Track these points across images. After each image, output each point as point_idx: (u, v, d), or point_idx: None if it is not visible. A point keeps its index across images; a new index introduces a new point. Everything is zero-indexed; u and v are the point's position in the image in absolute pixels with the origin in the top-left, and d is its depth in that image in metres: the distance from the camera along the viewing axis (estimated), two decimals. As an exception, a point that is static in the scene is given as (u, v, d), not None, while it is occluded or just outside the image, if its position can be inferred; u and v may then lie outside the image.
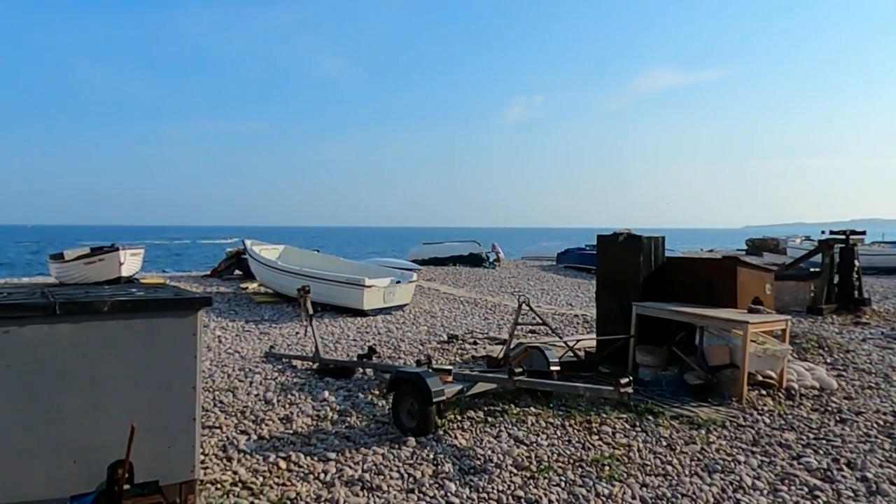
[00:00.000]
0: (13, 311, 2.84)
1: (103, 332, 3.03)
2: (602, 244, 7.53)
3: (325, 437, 4.85)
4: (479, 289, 16.28)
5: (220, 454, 4.47)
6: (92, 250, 15.70)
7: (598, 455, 4.51)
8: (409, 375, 4.96)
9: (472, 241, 24.56)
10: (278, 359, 7.63)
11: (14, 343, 2.84)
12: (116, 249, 14.29)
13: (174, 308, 3.18)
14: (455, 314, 11.85)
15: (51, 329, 2.92)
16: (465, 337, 9.24)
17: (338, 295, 11.24)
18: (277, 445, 4.69)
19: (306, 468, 4.25)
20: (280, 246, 14.76)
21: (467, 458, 4.42)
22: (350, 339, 9.14)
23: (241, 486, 3.94)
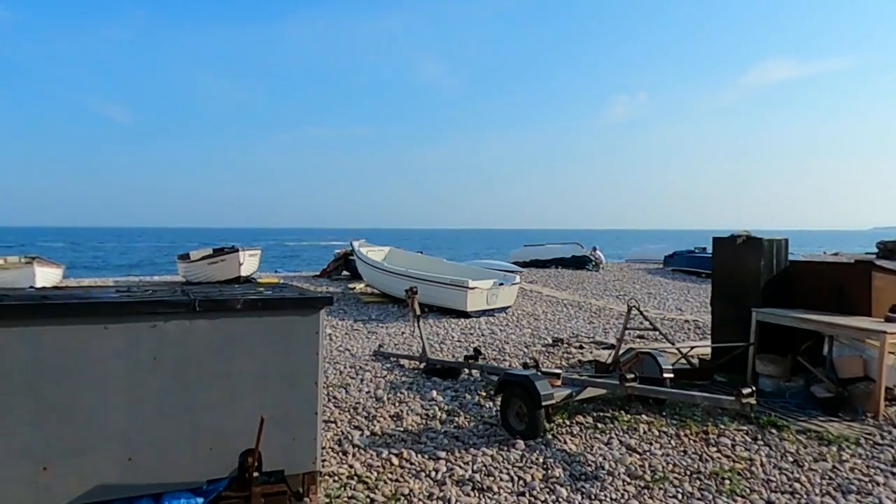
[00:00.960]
0: (159, 307, 3.09)
1: (236, 328, 3.24)
2: (719, 247, 7.18)
3: (435, 436, 4.93)
4: (583, 292, 15.99)
5: (336, 448, 4.65)
6: (214, 251, 16.82)
7: (717, 468, 4.30)
8: (517, 378, 4.95)
9: (574, 244, 24.17)
10: (386, 357, 7.84)
11: (160, 336, 3.10)
12: (236, 250, 15.23)
13: (299, 307, 3.34)
14: (558, 317, 11.70)
15: (191, 325, 3.16)
16: (571, 340, 9.10)
17: (442, 296, 11.40)
18: (389, 442, 4.82)
19: (418, 466, 4.34)
20: (386, 248, 15.17)
21: (578, 464, 4.35)
22: (454, 340, 9.24)
23: (357, 480, 4.08)
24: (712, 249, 7.31)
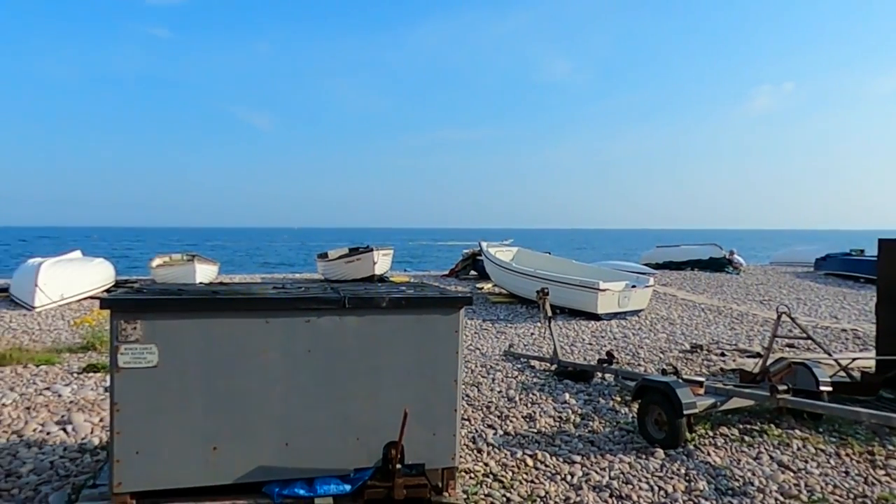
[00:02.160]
0: (313, 303, 3.30)
1: (382, 325, 3.39)
2: (886, 249, 6.51)
3: (569, 440, 4.87)
4: (722, 296, 15.09)
5: (471, 445, 4.72)
6: (350, 251, 17.65)
7: (887, 493, 3.90)
8: (657, 384, 4.78)
9: (712, 245, 22.86)
10: (517, 358, 7.84)
11: (314, 331, 3.30)
12: (370, 250, 15.88)
13: (441, 306, 3.43)
14: (696, 322, 11.13)
15: (341, 320, 3.34)
16: (711, 347, 8.63)
17: (571, 297, 11.23)
18: (523, 443, 4.82)
19: (552, 468, 4.31)
20: (514, 248, 15.17)
21: (724, 478, 4.12)
22: (585, 343, 9.07)
23: (493, 479, 4.12)
24: (878, 252, 6.64)
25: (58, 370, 6.86)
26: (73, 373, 6.76)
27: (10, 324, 10.71)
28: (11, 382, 6.28)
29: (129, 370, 3.08)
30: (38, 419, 5.10)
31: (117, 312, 3.07)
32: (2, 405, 5.46)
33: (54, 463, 4.20)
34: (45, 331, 10.10)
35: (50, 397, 5.74)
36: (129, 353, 3.08)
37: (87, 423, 5.02)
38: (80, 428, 4.89)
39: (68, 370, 6.89)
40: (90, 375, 6.62)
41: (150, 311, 3.11)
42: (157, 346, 3.12)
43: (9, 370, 6.80)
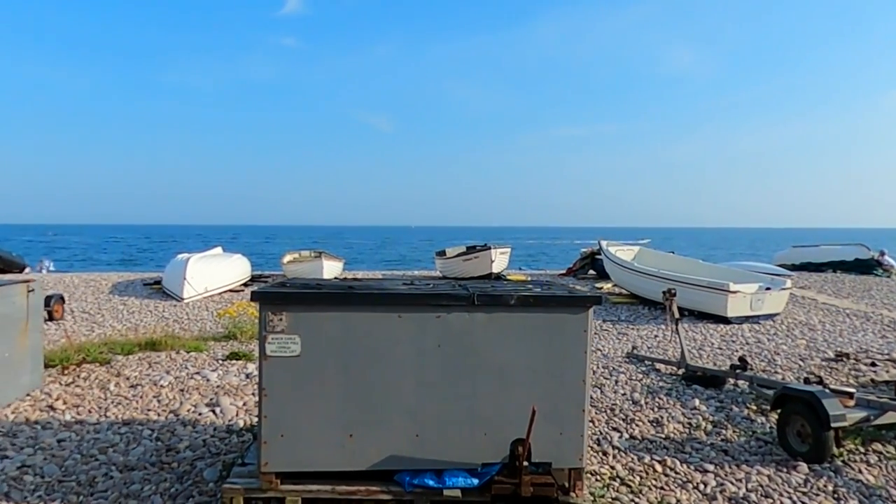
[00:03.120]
0: (443, 299, 3.39)
1: (510, 322, 3.42)
2: None
3: (700, 448, 4.66)
4: (871, 301, 13.79)
5: (596, 447, 4.64)
6: (467, 249, 17.85)
7: None
8: (801, 394, 4.46)
9: (858, 245, 20.94)
10: (641, 360, 7.60)
11: (444, 326, 3.39)
12: (488, 248, 15.98)
13: (569, 305, 3.41)
14: (840, 328, 10.25)
15: (470, 317, 3.40)
16: (859, 356, 7.92)
17: (699, 299, 10.71)
18: (650, 447, 4.68)
19: (683, 476, 4.15)
20: (635, 247, 14.69)
21: (878, 499, 3.79)
22: (714, 347, 8.63)
23: (620, 482, 4.03)
24: None
25: (205, 357, 7.47)
26: (218, 359, 7.33)
27: (162, 313, 11.80)
28: (167, 366, 6.92)
29: (276, 358, 3.31)
30: (190, 401, 5.59)
31: (266, 305, 3.31)
32: (160, 386, 6.03)
33: (206, 441, 4.59)
34: (193, 320, 11.03)
35: (200, 381, 6.27)
36: (276, 342, 3.31)
37: (232, 406, 5.44)
38: (226, 410, 5.31)
39: (214, 357, 7.48)
40: (233, 363, 7.15)
41: (294, 304, 3.32)
42: (300, 337, 3.33)
43: (164, 355, 7.49)
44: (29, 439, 4.56)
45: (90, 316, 11.32)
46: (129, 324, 10.55)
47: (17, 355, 5.47)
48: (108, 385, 6.06)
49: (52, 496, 3.66)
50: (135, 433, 4.73)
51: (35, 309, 5.76)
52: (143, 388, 5.97)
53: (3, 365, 5.29)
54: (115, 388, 5.96)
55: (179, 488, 3.77)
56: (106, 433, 4.73)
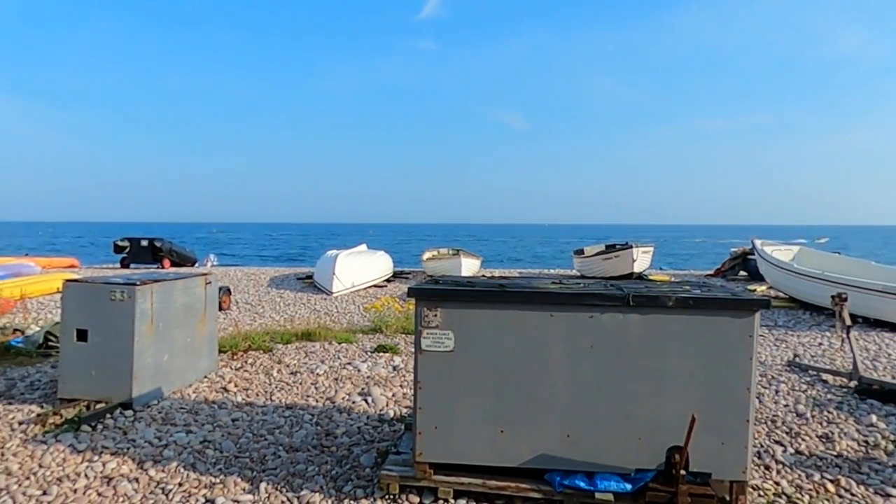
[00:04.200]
0: (596, 299, 3.33)
1: (667, 325, 3.29)
2: None
3: (881, 469, 4.22)
4: None
5: (757, 461, 4.34)
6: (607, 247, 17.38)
7: None
8: None
9: None
10: (804, 370, 7.01)
11: (597, 327, 3.34)
12: (630, 247, 15.46)
13: (734, 308, 3.22)
14: None
15: (624, 318, 3.32)
16: None
17: (873, 305, 9.67)
18: (820, 465, 4.30)
19: (860, 498, 3.78)
20: (794, 246, 13.56)
21: None
22: (892, 359, 7.75)
23: (786, 500, 3.75)
24: None
25: (355, 348, 7.88)
26: (367, 351, 7.70)
27: (314, 306, 12.61)
28: (322, 356, 7.39)
29: (430, 353, 3.43)
30: (344, 389, 5.92)
31: (421, 301, 3.44)
32: (317, 375, 6.45)
33: (361, 428, 4.84)
34: (341, 313, 11.68)
35: (352, 371, 6.63)
36: (431, 337, 3.42)
37: (382, 396, 5.69)
38: (377, 400, 5.57)
39: (363, 349, 7.87)
40: (381, 355, 7.48)
41: (448, 301, 3.42)
42: (453, 333, 3.42)
43: (318, 345, 8.00)
44: (208, 417, 5.06)
45: (251, 307, 12.34)
46: (286, 315, 11.37)
47: (197, 341, 6.09)
48: (272, 371, 6.57)
49: (230, 470, 4.04)
50: (297, 417, 5.10)
51: (211, 300, 6.38)
52: (301, 376, 6.41)
53: (187, 350, 5.91)
54: (277, 375, 6.45)
55: (339, 471, 4.01)
56: (272, 415, 5.13)
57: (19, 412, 5.13)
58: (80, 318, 5.20)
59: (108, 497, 3.65)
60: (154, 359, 5.40)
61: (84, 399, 5.17)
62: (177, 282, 5.74)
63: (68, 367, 5.24)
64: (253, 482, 3.85)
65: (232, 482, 3.83)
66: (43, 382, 6.05)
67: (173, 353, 5.68)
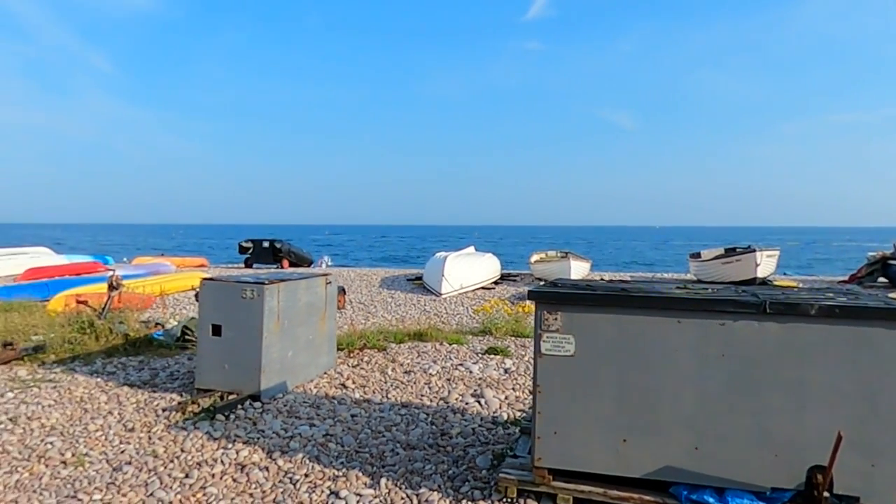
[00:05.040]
0: (729, 306, 3.15)
1: (807, 334, 3.06)
2: None
3: None
4: None
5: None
6: (726, 251, 16.49)
7: None
8: None
9: None
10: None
11: (728, 335, 3.16)
12: (753, 250, 14.59)
13: (889, 318, 2.95)
14: None
15: (759, 326, 3.12)
16: None
17: None
18: None
19: None
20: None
21: None
22: None
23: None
24: None
25: (465, 350, 7.94)
26: (478, 353, 7.74)
27: (423, 307, 12.84)
28: (434, 356, 7.50)
29: (550, 357, 3.38)
30: (457, 390, 5.98)
31: (541, 304, 3.40)
32: (430, 375, 6.55)
33: (475, 430, 4.87)
34: (450, 314, 11.81)
35: (464, 373, 6.68)
36: (550, 341, 3.37)
37: (495, 398, 5.69)
38: (490, 402, 5.57)
39: (473, 350, 7.91)
40: (491, 357, 7.49)
41: (569, 304, 3.36)
42: (574, 337, 3.35)
43: (430, 346, 8.13)
44: (329, 412, 5.27)
45: (364, 307, 12.75)
46: (397, 315, 11.65)
47: (318, 339, 6.37)
48: (386, 370, 6.75)
49: (352, 464, 4.18)
50: (412, 415, 5.20)
51: (331, 299, 6.65)
52: (415, 375, 6.54)
53: (308, 346, 6.19)
54: (392, 373, 6.62)
55: (456, 471, 4.04)
56: (388, 413, 5.27)
57: (162, 400, 5.58)
58: (215, 314, 5.58)
59: (242, 483, 3.88)
60: (280, 354, 5.69)
61: (218, 390, 5.54)
62: (300, 281, 6.03)
63: (204, 359, 5.63)
64: (373, 477, 3.96)
65: (354, 476, 3.96)
66: (181, 373, 6.55)
67: (297, 350, 5.97)
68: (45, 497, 3.66)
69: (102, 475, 3.97)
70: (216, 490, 3.77)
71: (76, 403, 5.46)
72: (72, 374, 6.43)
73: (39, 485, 3.83)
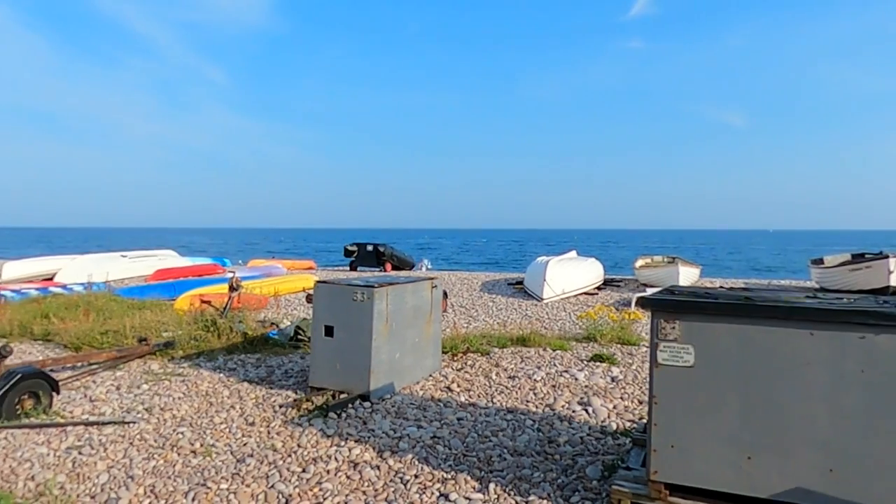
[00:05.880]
0: (870, 317, 2.91)
1: (965, 351, 2.77)
2: None
3: None
4: None
5: None
6: (853, 257, 15.28)
7: None
8: None
9: None
10: None
11: (868, 349, 2.91)
12: (885, 257, 13.42)
13: None
14: None
15: (906, 340, 2.86)
16: None
17: None
18: None
19: None
20: None
21: None
22: None
23: None
24: None
25: (570, 356, 7.81)
26: (582, 360, 7.59)
27: (525, 311, 12.75)
28: (538, 362, 7.43)
29: (667, 367, 3.26)
30: (563, 397, 5.89)
31: (658, 312, 3.28)
32: (534, 381, 6.50)
33: (583, 439, 4.77)
34: (553, 319, 11.66)
35: (569, 379, 6.57)
36: (668, 350, 3.25)
37: (603, 407, 5.55)
38: (598, 411, 5.44)
39: (578, 357, 7.77)
40: (597, 364, 7.32)
41: (688, 313, 3.22)
42: (693, 347, 3.21)
43: (533, 351, 8.06)
44: (435, 414, 5.33)
45: (466, 310, 12.83)
46: (499, 319, 11.64)
47: (423, 341, 6.48)
48: (490, 374, 6.75)
49: (460, 467, 4.21)
50: (518, 421, 5.17)
51: (436, 302, 6.75)
52: (519, 380, 6.50)
53: (415, 349, 6.31)
54: (496, 378, 6.62)
55: (565, 480, 3.98)
56: (494, 417, 5.27)
57: (278, 396, 5.86)
58: (327, 316, 5.80)
59: (356, 480, 4.00)
60: (388, 356, 5.84)
61: (330, 389, 5.75)
62: (407, 285, 6.16)
63: (318, 358, 5.87)
64: (482, 482, 3.97)
65: (462, 479, 3.99)
66: (295, 371, 6.86)
67: (404, 352, 6.10)
68: (179, 483, 3.94)
69: (228, 466, 4.22)
70: (331, 486, 3.92)
71: (202, 397, 5.84)
72: (197, 370, 6.89)
73: (173, 472, 4.13)
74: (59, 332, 8.63)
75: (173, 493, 3.81)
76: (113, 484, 3.94)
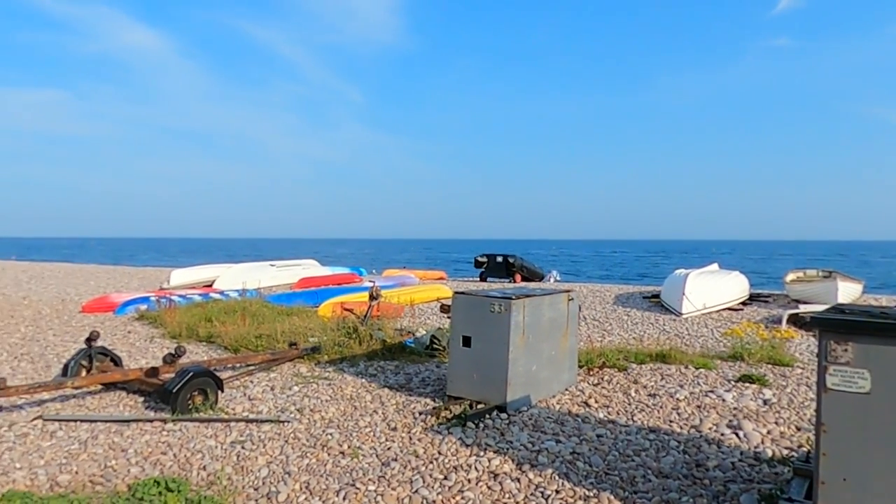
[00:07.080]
0: None
1: None
2: None
3: None
4: None
5: None
6: None
7: None
8: None
9: None
10: None
11: None
12: None
13: None
14: None
15: None
16: None
17: None
18: None
19: None
20: None
21: None
22: None
23: None
24: None
25: (714, 375, 7.38)
26: (729, 380, 7.14)
27: (663, 326, 12.21)
28: (679, 380, 7.09)
29: (839, 392, 3.00)
30: (710, 419, 5.57)
31: (827, 332, 3.03)
32: (677, 400, 6.21)
33: (735, 464, 4.48)
34: (693, 336, 11.07)
35: (715, 400, 6.21)
36: (839, 375, 2.99)
37: (755, 432, 5.19)
38: (750, 436, 5.10)
39: (723, 377, 7.32)
40: (746, 385, 6.86)
41: (863, 334, 2.95)
42: (869, 372, 2.94)
43: (674, 368, 7.70)
44: (574, 429, 5.25)
45: (599, 324, 12.51)
46: (634, 334, 11.24)
47: (559, 354, 6.40)
48: (629, 391, 6.54)
49: (602, 486, 4.11)
50: (662, 442, 4.96)
51: (573, 315, 6.65)
52: (660, 399, 6.24)
53: (551, 362, 6.25)
54: (635, 395, 6.39)
55: (717, 507, 3.77)
56: (636, 436, 5.09)
57: (417, 403, 6.04)
58: (465, 326, 5.90)
59: (496, 491, 4.03)
60: (524, 368, 5.83)
61: (467, 398, 5.84)
62: (544, 297, 6.13)
63: (455, 368, 5.98)
64: (625, 502, 3.85)
65: (605, 498, 3.89)
66: (432, 379, 7.03)
67: (540, 364, 6.06)
68: (331, 482, 4.17)
69: (374, 468, 4.41)
70: (473, 495, 3.97)
71: (347, 400, 6.15)
72: (341, 374, 7.26)
73: (325, 471, 4.37)
74: (219, 335, 9.45)
75: (326, 490, 4.04)
76: (272, 478, 4.24)
